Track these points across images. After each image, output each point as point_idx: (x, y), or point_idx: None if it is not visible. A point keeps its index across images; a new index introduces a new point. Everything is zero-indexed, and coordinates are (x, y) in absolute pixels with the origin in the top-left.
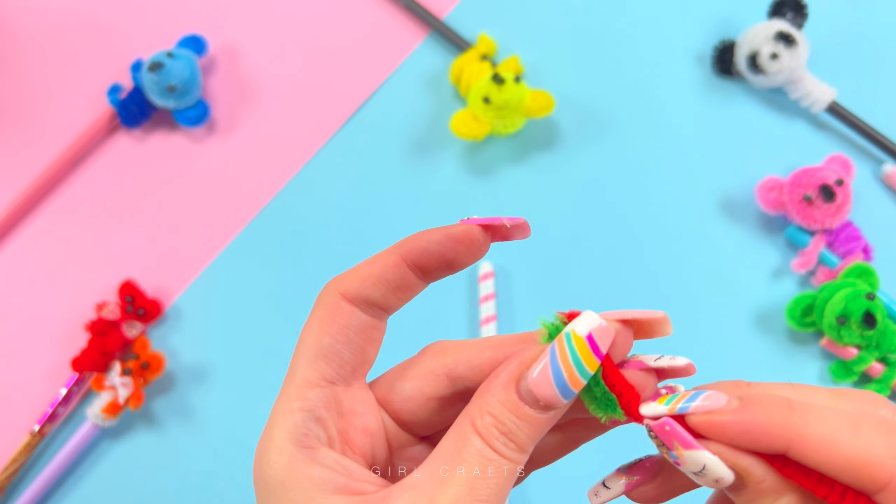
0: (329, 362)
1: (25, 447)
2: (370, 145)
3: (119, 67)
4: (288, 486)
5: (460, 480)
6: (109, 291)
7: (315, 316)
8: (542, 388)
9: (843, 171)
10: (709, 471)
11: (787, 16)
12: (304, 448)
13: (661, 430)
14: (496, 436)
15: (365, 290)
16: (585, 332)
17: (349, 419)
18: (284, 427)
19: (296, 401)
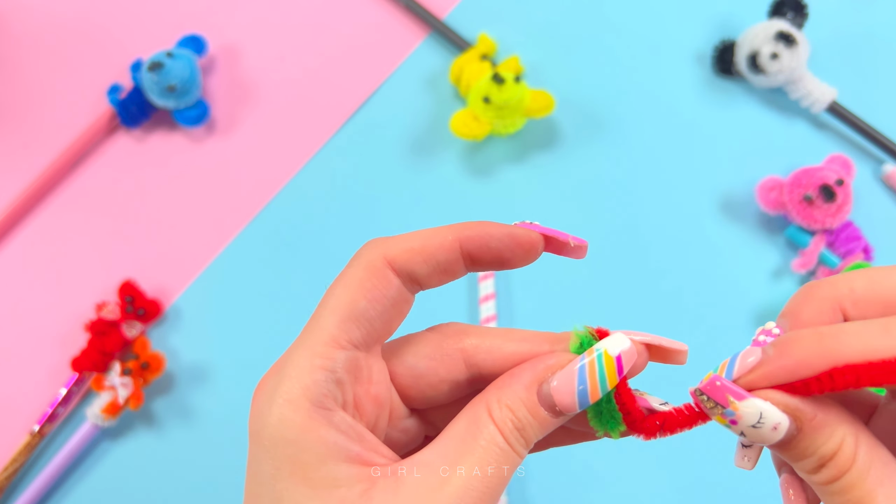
0: (359, 327)
1: (25, 447)
2: (370, 145)
3: (119, 67)
4: (301, 447)
5: (472, 465)
6: (109, 291)
7: (354, 275)
8: (563, 395)
9: (844, 171)
10: (766, 418)
11: (788, 16)
12: (322, 409)
13: (713, 387)
14: (510, 429)
15: (413, 264)
16: (616, 353)
17: (365, 386)
18: (302, 383)
19: (318, 358)
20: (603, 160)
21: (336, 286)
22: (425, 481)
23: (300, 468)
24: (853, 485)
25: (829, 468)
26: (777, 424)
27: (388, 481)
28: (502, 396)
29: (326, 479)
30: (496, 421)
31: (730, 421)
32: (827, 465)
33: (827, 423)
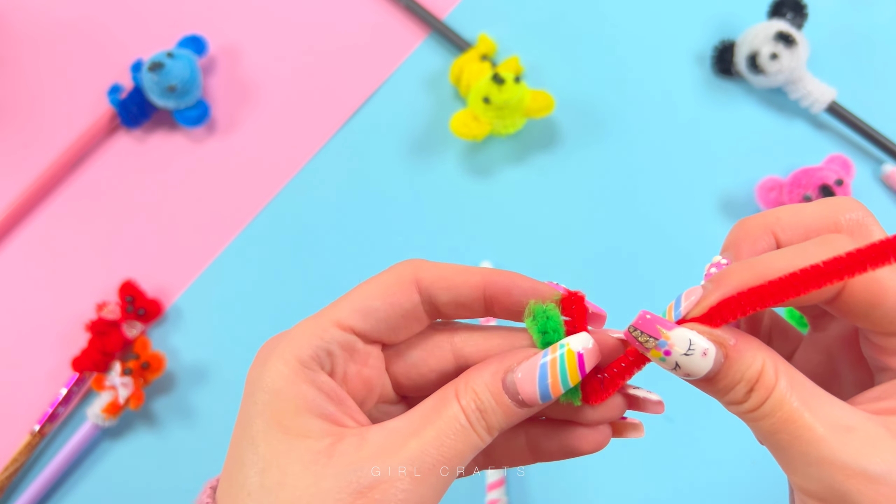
0: (366, 322)
1: (26, 447)
2: (370, 145)
3: (119, 67)
4: (281, 397)
5: (432, 433)
6: (110, 291)
7: (382, 279)
8: (526, 386)
9: (843, 171)
10: (695, 345)
11: (787, 16)
12: (308, 369)
13: (644, 321)
14: (472, 409)
15: (436, 290)
16: (578, 349)
17: (357, 367)
18: (297, 345)
19: (318, 329)
20: (603, 160)
21: (364, 283)
22: (387, 442)
23: (278, 415)
24: (780, 403)
25: (756, 392)
26: (706, 350)
27: (354, 439)
28: (469, 381)
29: (299, 428)
30: (460, 400)
31: (664, 352)
32: (755, 389)
33: (748, 347)
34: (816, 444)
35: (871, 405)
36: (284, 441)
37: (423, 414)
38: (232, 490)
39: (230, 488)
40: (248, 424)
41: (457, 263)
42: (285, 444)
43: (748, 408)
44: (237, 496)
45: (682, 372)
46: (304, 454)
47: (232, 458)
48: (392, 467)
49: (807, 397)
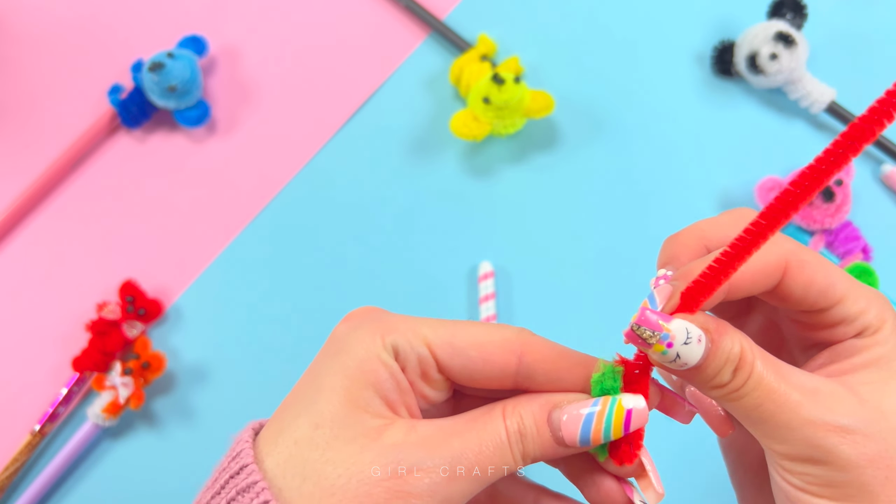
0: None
1: (26, 447)
2: (370, 145)
3: (119, 67)
4: (358, 366)
5: (474, 438)
6: (110, 291)
7: (490, 335)
8: (570, 427)
9: (843, 171)
10: (691, 332)
11: (787, 16)
12: (387, 355)
13: (646, 317)
14: (515, 430)
15: (538, 375)
16: (629, 406)
17: (422, 385)
18: (388, 331)
19: (410, 335)
20: (603, 160)
21: (472, 325)
22: (433, 436)
23: (349, 380)
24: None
25: (740, 371)
26: (700, 336)
27: (404, 425)
28: (518, 405)
29: (361, 400)
30: (506, 420)
31: (667, 345)
32: (739, 369)
33: (727, 328)
34: (796, 409)
35: (821, 371)
36: (345, 407)
37: (470, 419)
38: (281, 435)
39: (280, 432)
40: (317, 379)
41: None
42: (344, 410)
43: (733, 387)
44: (283, 441)
45: (679, 363)
46: (357, 426)
47: (289, 405)
48: (432, 459)
49: (778, 369)
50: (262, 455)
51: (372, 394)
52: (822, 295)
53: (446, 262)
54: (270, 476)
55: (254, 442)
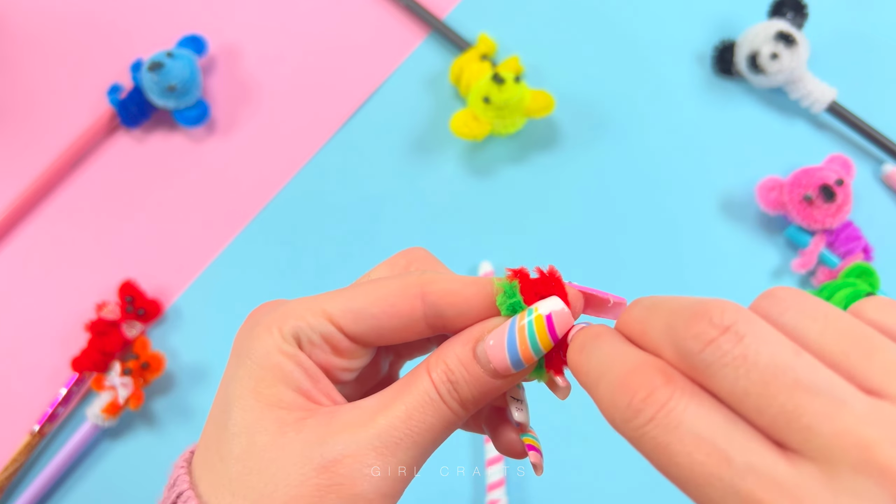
0: (356, 324)
1: (25, 447)
2: (370, 145)
3: (119, 67)
4: (262, 365)
5: (401, 408)
6: (109, 291)
7: (388, 287)
8: (496, 354)
9: (844, 171)
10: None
11: (787, 16)
12: (291, 345)
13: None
14: (444, 381)
15: (446, 308)
16: (546, 312)
17: (338, 360)
18: (283, 321)
19: (308, 314)
20: (603, 160)
21: (369, 283)
22: (356, 418)
23: (255, 381)
24: None
25: None
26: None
27: (324, 415)
28: (441, 355)
29: (272, 397)
30: (431, 374)
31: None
32: None
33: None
34: None
35: None
36: (257, 408)
37: (395, 390)
38: (207, 453)
39: (206, 451)
40: (227, 389)
41: (465, 275)
42: (257, 412)
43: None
44: (210, 459)
45: None
46: (272, 424)
47: (209, 422)
48: (357, 442)
49: None
50: (196, 479)
51: (283, 388)
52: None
53: (446, 262)
54: (206, 500)
55: (190, 466)
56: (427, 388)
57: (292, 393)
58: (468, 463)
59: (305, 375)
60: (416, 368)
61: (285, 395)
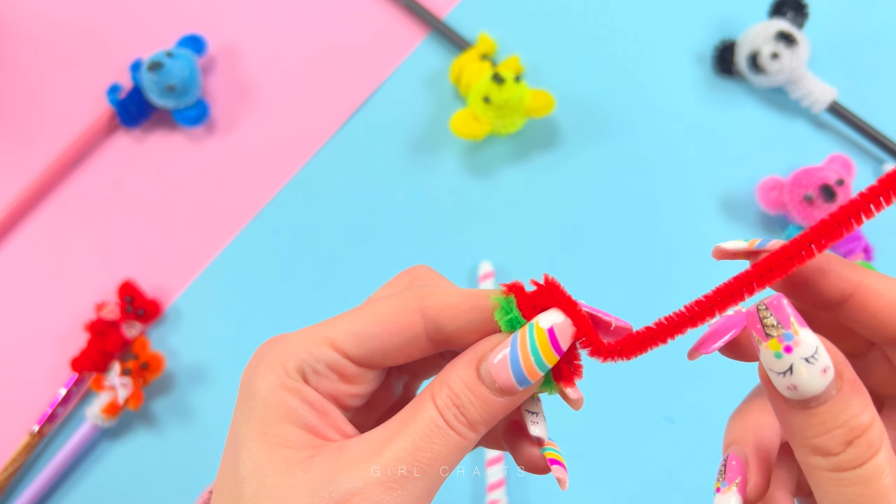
0: (360, 348)
1: (25, 447)
2: (370, 145)
3: (118, 67)
4: (266, 405)
5: (407, 440)
6: (109, 291)
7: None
8: (500, 372)
9: (844, 170)
10: (819, 355)
11: (788, 15)
12: (295, 381)
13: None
14: (449, 406)
15: (446, 322)
16: (547, 326)
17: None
18: (286, 355)
19: (310, 344)
20: (603, 160)
21: (368, 305)
22: (363, 453)
23: (261, 422)
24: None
25: (857, 446)
26: (827, 367)
27: (332, 452)
28: (444, 379)
29: (279, 437)
30: (435, 400)
31: (784, 347)
32: (855, 443)
33: (863, 391)
34: None
35: None
36: (264, 450)
37: (400, 420)
38: (220, 497)
39: (219, 495)
40: (235, 431)
41: (464, 288)
42: (264, 454)
43: (837, 463)
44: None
45: (789, 380)
46: (280, 465)
47: (222, 465)
48: (365, 479)
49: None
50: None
51: (289, 427)
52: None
53: (446, 262)
54: None
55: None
56: (432, 415)
57: (298, 431)
58: (468, 463)
59: (312, 410)
60: (420, 395)
61: (291, 433)
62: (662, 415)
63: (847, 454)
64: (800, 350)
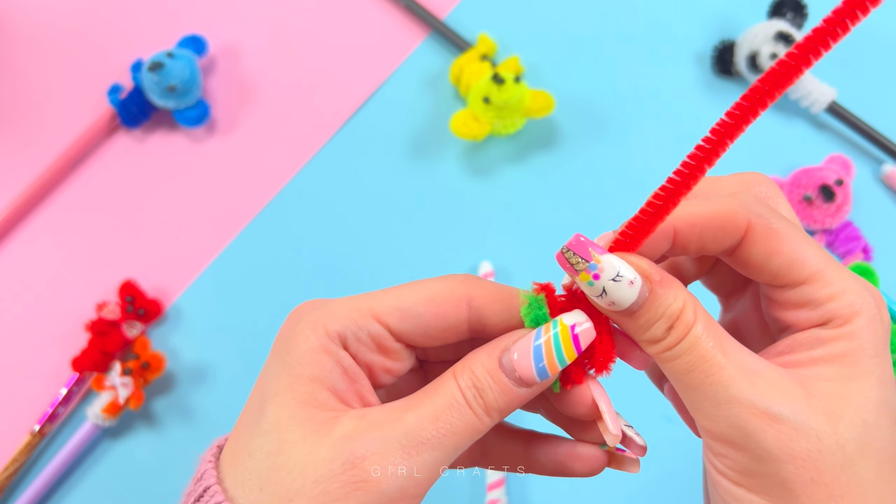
0: (404, 323)
1: (26, 447)
2: (370, 146)
3: (119, 67)
4: (300, 361)
5: (429, 408)
6: (110, 291)
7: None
8: (522, 363)
9: (843, 171)
10: (623, 273)
11: (787, 16)
12: (333, 343)
13: (578, 243)
14: (470, 387)
15: (490, 314)
16: (571, 324)
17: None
18: (330, 319)
19: (355, 313)
20: (603, 160)
21: (416, 284)
22: (383, 418)
23: (291, 378)
24: (696, 342)
25: (675, 329)
26: (632, 280)
27: (354, 415)
28: (468, 363)
29: (307, 396)
30: (457, 380)
31: (593, 275)
32: (674, 327)
33: (671, 285)
34: (726, 383)
35: (776, 359)
36: (291, 406)
37: (423, 393)
38: (237, 448)
39: (235, 446)
40: (264, 385)
41: (507, 285)
42: (290, 410)
43: (666, 345)
44: (239, 455)
45: (607, 299)
46: (305, 423)
47: (243, 416)
48: (385, 440)
49: (721, 340)
50: (223, 473)
51: (317, 387)
52: (785, 269)
53: (446, 262)
54: (232, 494)
55: (217, 461)
56: (454, 391)
57: (326, 393)
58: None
59: (343, 376)
60: (442, 376)
61: (320, 394)
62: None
63: (670, 336)
64: (606, 274)
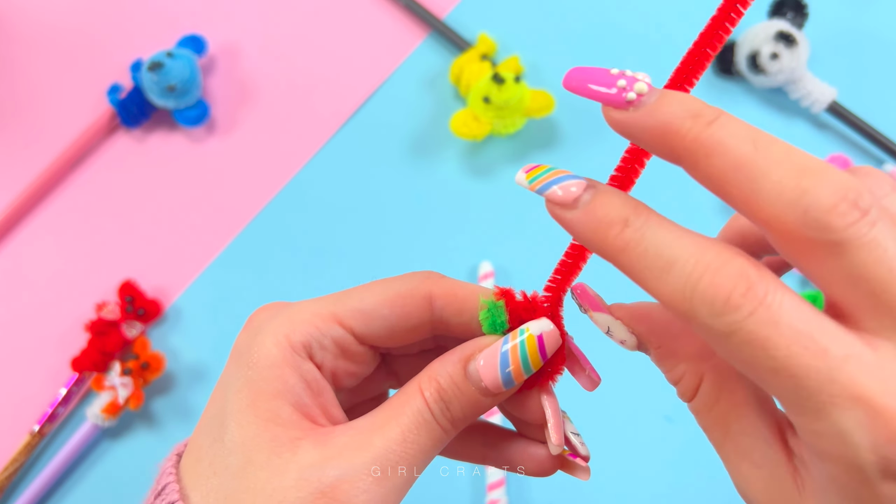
0: (367, 326)
1: (25, 447)
2: (370, 145)
3: (119, 67)
4: (262, 376)
5: (396, 430)
6: (109, 291)
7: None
8: (488, 373)
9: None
10: (613, 333)
11: (788, 16)
12: (295, 353)
13: (582, 290)
14: (437, 400)
15: (452, 314)
16: (537, 333)
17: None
18: (291, 327)
19: (317, 319)
20: (603, 160)
21: (376, 284)
22: (350, 442)
23: (253, 394)
24: (698, 413)
25: (679, 390)
26: (622, 341)
27: (319, 437)
28: (433, 373)
29: (269, 413)
30: (424, 393)
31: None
32: (677, 387)
33: (670, 355)
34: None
35: None
36: (254, 424)
37: (388, 410)
38: (199, 465)
39: (197, 462)
40: (225, 397)
41: (470, 283)
42: (254, 429)
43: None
44: (203, 472)
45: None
46: (268, 443)
47: (202, 429)
48: (354, 467)
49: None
50: (187, 490)
51: (281, 403)
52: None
53: (446, 262)
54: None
55: (178, 472)
56: (420, 407)
57: (290, 409)
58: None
59: (307, 389)
60: (407, 387)
61: (283, 410)
62: (662, 415)
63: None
64: (598, 326)
